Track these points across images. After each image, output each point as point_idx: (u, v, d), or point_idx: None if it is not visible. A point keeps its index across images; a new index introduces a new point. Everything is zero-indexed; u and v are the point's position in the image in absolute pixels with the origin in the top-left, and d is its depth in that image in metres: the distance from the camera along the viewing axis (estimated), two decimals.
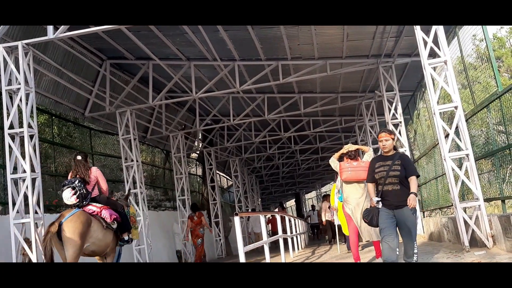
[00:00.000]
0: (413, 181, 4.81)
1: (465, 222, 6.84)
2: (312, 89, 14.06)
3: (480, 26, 6.91)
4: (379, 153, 5.67)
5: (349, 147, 6.93)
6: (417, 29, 7.16)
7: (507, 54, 19.29)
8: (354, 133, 18.29)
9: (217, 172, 21.41)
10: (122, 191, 11.30)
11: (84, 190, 6.06)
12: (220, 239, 17.96)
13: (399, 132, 11.52)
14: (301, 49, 10.83)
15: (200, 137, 20.06)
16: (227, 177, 26.16)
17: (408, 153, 11.42)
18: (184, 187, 15.57)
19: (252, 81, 11.70)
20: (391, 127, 11.51)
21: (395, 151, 5.02)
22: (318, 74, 11.63)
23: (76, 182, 6.03)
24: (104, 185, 6.45)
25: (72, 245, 5.52)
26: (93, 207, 6.10)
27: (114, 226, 6.28)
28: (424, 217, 11.70)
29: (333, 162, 7.08)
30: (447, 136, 7.17)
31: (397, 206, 4.81)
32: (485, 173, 8.03)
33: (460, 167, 7.16)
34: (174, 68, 11.76)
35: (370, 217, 4.94)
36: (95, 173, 6.38)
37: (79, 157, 6.48)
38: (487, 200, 7.56)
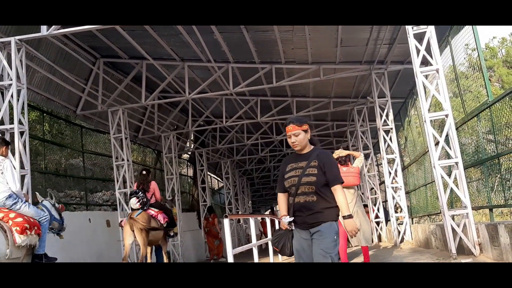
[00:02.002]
0: (339, 194, 3.50)
1: (453, 229, 6.89)
2: (305, 93, 14.12)
3: (473, 35, 6.98)
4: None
5: (339, 153, 6.99)
6: (410, 36, 7.22)
7: (499, 64, 19.51)
8: (345, 138, 18.37)
9: (208, 173, 21.39)
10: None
11: (145, 198, 8.16)
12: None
13: (390, 139, 11.57)
14: (295, 53, 10.87)
15: (192, 138, 20.04)
16: (218, 179, 26.14)
17: (398, 160, 11.48)
18: (174, 187, 15.53)
19: (246, 84, 11.71)
20: (382, 133, 11.55)
21: (312, 147, 3.70)
22: (311, 79, 11.67)
23: (140, 193, 8.13)
24: (158, 195, 8.73)
25: (141, 235, 7.65)
26: (152, 211, 8.21)
27: (165, 225, 8.42)
28: (412, 223, 11.77)
29: None
30: (437, 144, 7.23)
31: (313, 224, 3.52)
32: (474, 181, 8.10)
33: (449, 174, 7.22)
34: (167, 68, 11.75)
35: (282, 244, 3.70)
36: (153, 185, 8.64)
37: (144, 172, 8.91)
38: (475, 208, 7.62)
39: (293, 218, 3.58)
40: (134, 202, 8.03)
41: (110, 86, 12.20)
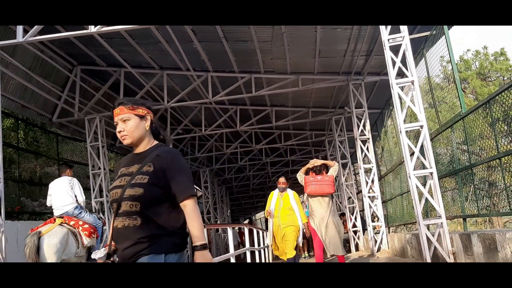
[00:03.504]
0: (191, 213, 2.24)
1: (428, 239, 6.98)
2: (284, 103, 14.20)
3: (447, 48, 7.15)
4: None
5: (314, 162, 7.05)
6: (386, 48, 7.33)
7: (473, 76, 19.96)
8: (323, 148, 18.51)
9: None
10: None
11: None
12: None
13: (367, 148, 11.69)
14: (274, 64, 10.95)
15: (171, 146, 19.89)
16: (197, 188, 25.98)
17: (375, 169, 11.61)
18: None
19: (225, 93, 11.73)
20: (359, 143, 11.68)
21: (155, 143, 2.49)
22: (290, 89, 11.76)
23: None
24: None
25: None
26: None
27: None
28: (389, 232, 11.90)
29: (300, 176, 7.17)
30: (412, 154, 7.33)
31: (131, 259, 2.26)
32: (448, 191, 8.25)
33: (424, 184, 7.32)
34: (146, 77, 11.68)
35: None
36: None
37: None
38: (449, 217, 7.75)
39: (106, 252, 2.34)
40: None
41: (87, 93, 12.06)
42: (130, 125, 2.45)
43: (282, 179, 7.69)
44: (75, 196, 6.87)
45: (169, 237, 2.32)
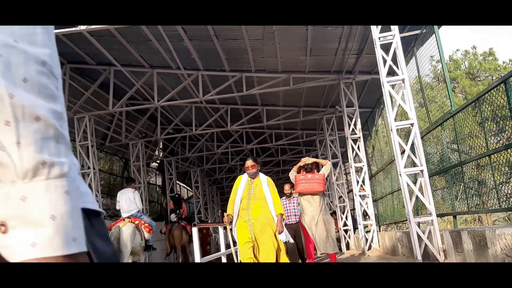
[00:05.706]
0: None
1: (419, 236, 7.01)
2: (275, 102, 14.19)
3: (437, 47, 7.18)
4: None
5: (306, 160, 7.04)
6: (377, 47, 7.36)
7: (462, 75, 20.10)
8: (315, 147, 18.53)
9: (177, 182, 21.14)
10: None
11: (180, 214, 11.46)
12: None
13: (358, 147, 11.73)
14: (265, 62, 10.93)
15: (161, 146, 19.81)
16: (188, 188, 25.88)
17: (365, 168, 11.64)
18: (142, 197, 15.29)
19: (216, 92, 11.69)
20: (350, 142, 11.72)
21: None
22: (281, 88, 11.74)
23: (178, 211, 11.45)
24: (185, 212, 12.03)
25: (179, 239, 11.14)
26: (182, 223, 11.39)
27: (190, 233, 10.75)
28: (380, 231, 11.93)
29: (292, 174, 7.16)
30: (403, 152, 7.36)
31: None
32: (439, 189, 8.29)
33: (415, 182, 7.36)
34: (136, 75, 11.60)
35: None
36: (183, 206, 11.94)
37: (177, 196, 12.55)
38: (439, 215, 7.79)
39: None
40: (173, 217, 11.36)
41: (77, 92, 11.95)
42: None
43: (249, 162, 5.64)
44: (137, 204, 8.83)
45: None
